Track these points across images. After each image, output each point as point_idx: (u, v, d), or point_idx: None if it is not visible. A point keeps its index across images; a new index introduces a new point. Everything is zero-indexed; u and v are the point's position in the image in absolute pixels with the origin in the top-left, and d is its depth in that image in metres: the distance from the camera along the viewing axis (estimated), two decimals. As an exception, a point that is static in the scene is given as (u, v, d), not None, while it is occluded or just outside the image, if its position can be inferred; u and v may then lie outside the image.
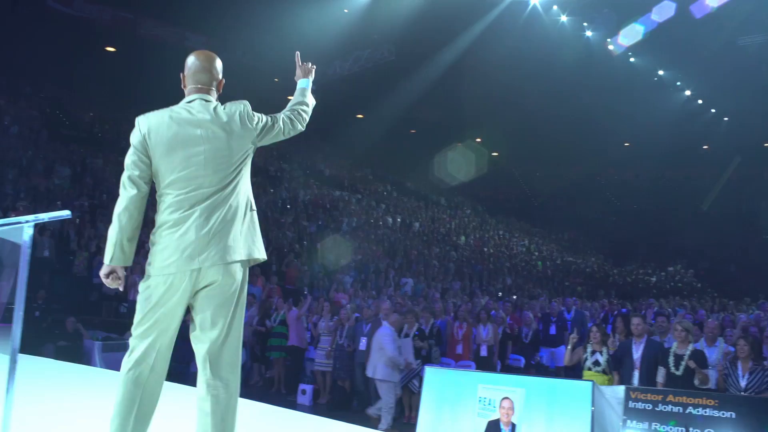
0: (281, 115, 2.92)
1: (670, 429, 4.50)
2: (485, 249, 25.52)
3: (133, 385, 2.54)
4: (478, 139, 34.93)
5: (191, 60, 2.85)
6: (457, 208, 31.18)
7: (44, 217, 2.07)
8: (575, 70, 24.51)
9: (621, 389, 4.95)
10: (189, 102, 2.79)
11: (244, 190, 2.80)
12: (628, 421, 4.68)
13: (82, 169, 19.17)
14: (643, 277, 28.52)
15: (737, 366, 6.18)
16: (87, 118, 24.30)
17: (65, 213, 2.51)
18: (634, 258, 31.63)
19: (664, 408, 4.58)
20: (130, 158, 2.71)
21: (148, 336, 2.59)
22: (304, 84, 3.24)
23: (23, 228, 1.98)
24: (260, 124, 2.81)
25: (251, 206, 2.83)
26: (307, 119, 3.03)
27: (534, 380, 5.07)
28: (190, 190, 2.65)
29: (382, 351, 8.25)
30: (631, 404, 4.71)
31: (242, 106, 2.80)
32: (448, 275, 20.07)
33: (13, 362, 1.86)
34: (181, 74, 2.87)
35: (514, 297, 17.13)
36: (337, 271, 17.36)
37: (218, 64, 2.88)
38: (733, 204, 31.99)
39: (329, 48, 21.82)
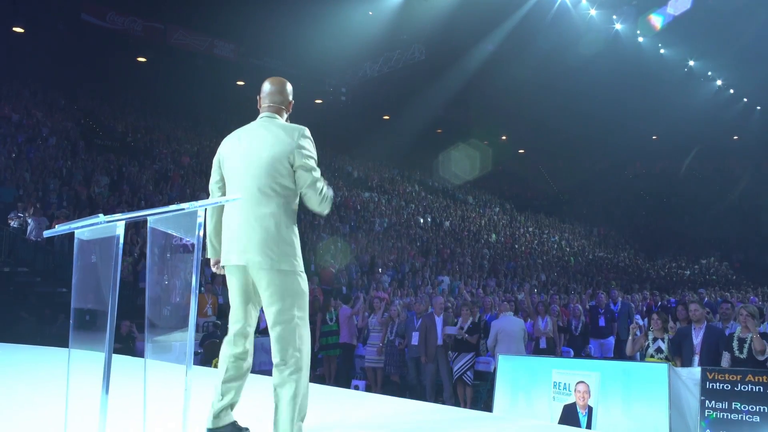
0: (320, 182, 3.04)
1: (750, 408, 4.54)
2: (516, 246, 25.50)
3: None
4: (504, 137, 34.90)
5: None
6: (486, 206, 31.17)
7: (206, 203, 2.19)
8: (604, 64, 24.35)
9: (697, 371, 4.99)
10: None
11: None
12: (707, 402, 4.72)
13: (118, 177, 19.52)
14: (676, 271, 28.25)
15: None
16: (120, 127, 24.74)
17: (236, 197, 2.72)
18: (666, 251, 31.34)
19: (744, 388, 4.62)
20: None
21: None
22: None
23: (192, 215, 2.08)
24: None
25: None
26: (323, 201, 3.07)
27: (609, 364, 5.14)
28: None
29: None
30: (709, 385, 4.76)
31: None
32: (482, 273, 20.11)
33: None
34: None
35: (551, 293, 17.11)
36: (372, 273, 17.49)
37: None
38: (766, 194, 31.51)
39: (359, 50, 22.01)
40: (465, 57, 24.33)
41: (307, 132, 3.04)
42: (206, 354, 9.79)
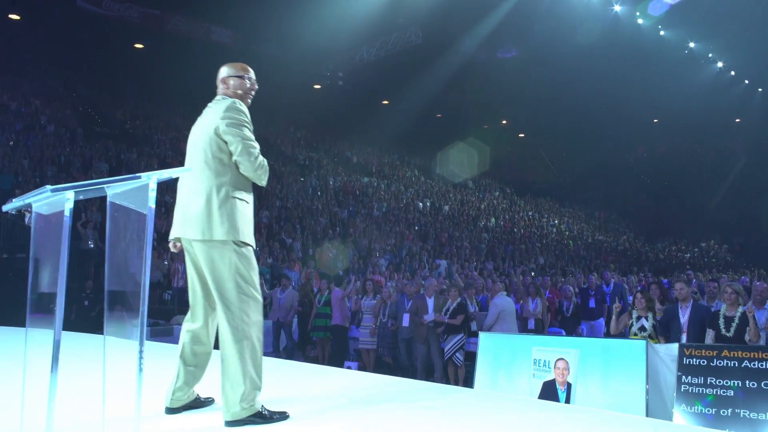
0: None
1: (725, 383, 4.58)
2: (516, 230, 25.54)
3: None
4: (504, 121, 34.78)
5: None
6: (486, 191, 31.16)
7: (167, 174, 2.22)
8: (603, 47, 24.18)
9: (674, 347, 5.04)
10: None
11: None
12: (683, 377, 4.77)
13: (117, 164, 19.57)
14: (676, 254, 28.25)
15: (786, 326, 6.21)
16: (119, 114, 24.76)
17: (187, 168, 2.74)
18: (667, 235, 31.32)
19: (720, 363, 4.67)
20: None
21: None
22: None
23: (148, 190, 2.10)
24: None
25: None
26: (266, 174, 3.12)
27: (588, 341, 5.20)
28: None
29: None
30: (686, 360, 4.80)
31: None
32: (480, 256, 20.16)
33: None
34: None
35: (545, 276, 17.15)
36: (370, 257, 17.55)
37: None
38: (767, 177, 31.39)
39: (355, 34, 21.86)
40: (462, 40, 24.17)
41: (238, 104, 3.09)
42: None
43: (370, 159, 29.78)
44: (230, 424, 2.86)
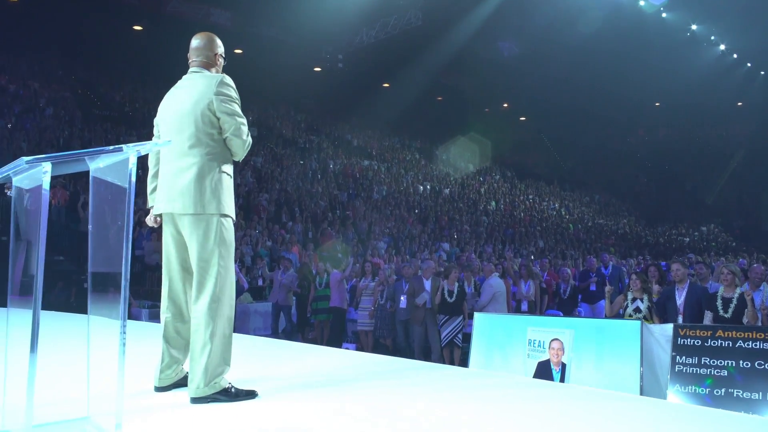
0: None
1: (719, 363, 4.58)
2: (516, 213, 25.51)
3: None
4: (506, 105, 34.61)
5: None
6: (486, 174, 31.09)
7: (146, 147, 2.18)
8: (604, 30, 23.95)
9: (669, 327, 5.03)
10: None
11: None
12: (677, 357, 4.77)
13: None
14: (676, 237, 28.25)
15: (783, 307, 6.19)
16: (118, 97, 24.66)
17: (168, 140, 2.72)
18: (667, 218, 31.29)
19: (714, 343, 4.66)
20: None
21: None
22: None
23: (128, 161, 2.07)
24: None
25: None
26: (247, 147, 3.12)
27: (583, 321, 5.20)
28: None
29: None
30: (680, 341, 4.80)
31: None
32: (480, 239, 20.16)
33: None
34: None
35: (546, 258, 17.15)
36: (369, 239, 17.54)
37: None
38: (768, 161, 31.30)
39: (355, 16, 21.63)
40: (463, 22, 23.95)
41: (228, 79, 3.09)
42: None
43: (370, 142, 29.69)
44: (195, 400, 2.86)
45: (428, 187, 25.71)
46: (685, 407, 3.83)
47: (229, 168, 3.08)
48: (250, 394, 2.98)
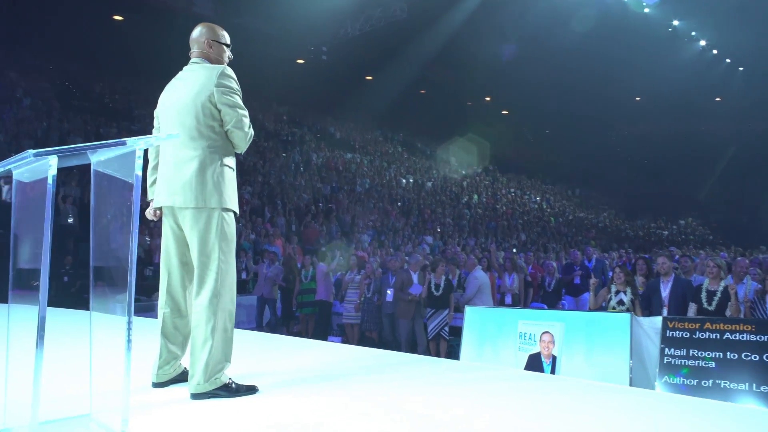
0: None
1: (707, 354, 4.66)
2: (498, 206, 25.66)
3: None
4: (488, 98, 34.70)
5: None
6: (468, 167, 31.22)
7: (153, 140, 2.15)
8: (588, 25, 24.10)
9: (658, 320, 5.09)
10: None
11: None
12: (666, 350, 4.83)
13: (96, 138, 19.27)
14: (655, 231, 28.65)
15: (765, 299, 6.32)
16: (97, 88, 24.32)
17: (174, 134, 2.68)
18: (646, 212, 31.69)
19: (702, 335, 4.73)
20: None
21: None
22: None
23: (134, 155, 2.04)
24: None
25: None
26: (249, 140, 3.09)
27: (573, 314, 5.24)
28: None
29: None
30: (669, 333, 4.86)
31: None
32: (463, 233, 20.25)
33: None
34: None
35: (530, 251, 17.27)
36: (353, 233, 17.54)
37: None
38: (746, 156, 31.78)
39: (340, 8, 21.55)
40: (448, 15, 23.96)
41: (229, 71, 3.03)
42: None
43: (353, 135, 29.63)
44: (196, 396, 2.83)
45: (411, 180, 25.76)
46: (673, 398, 3.89)
47: (231, 161, 3.04)
48: (251, 390, 2.96)
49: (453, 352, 8.94)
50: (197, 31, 3.18)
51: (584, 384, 3.93)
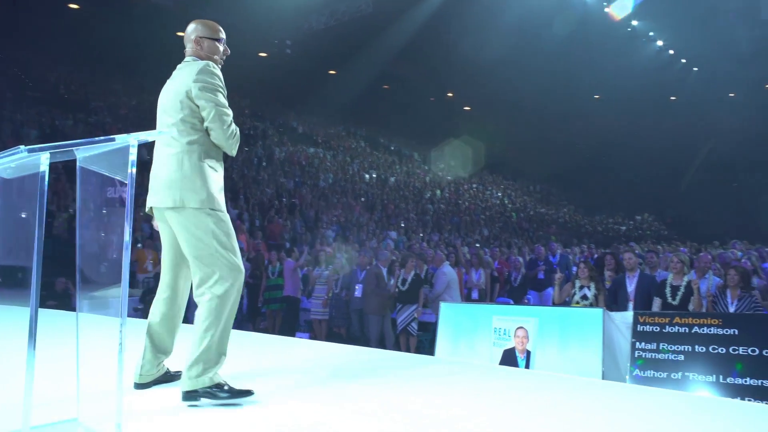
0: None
1: (676, 348, 4.78)
2: (460, 202, 25.87)
3: None
4: (450, 94, 34.90)
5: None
6: (431, 163, 31.39)
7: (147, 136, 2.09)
8: (549, 23, 24.46)
9: (629, 314, 5.21)
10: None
11: None
12: (637, 343, 4.95)
13: (51, 130, 18.72)
14: (613, 226, 29.30)
15: (726, 294, 6.51)
16: (52, 78, 23.59)
17: (165, 131, 2.61)
18: (604, 208, 32.37)
19: (671, 329, 4.86)
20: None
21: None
22: None
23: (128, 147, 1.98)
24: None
25: None
26: (237, 143, 2.99)
27: (547, 310, 5.31)
28: None
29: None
30: (640, 327, 4.98)
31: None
32: (426, 228, 20.36)
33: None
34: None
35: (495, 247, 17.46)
36: (319, 226, 17.47)
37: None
38: (702, 153, 32.72)
39: (305, 1, 21.37)
40: (412, 11, 24.01)
41: (211, 66, 2.95)
42: (146, 309, 9.63)
43: (316, 129, 29.47)
44: (188, 394, 2.76)
45: (374, 175, 25.77)
46: (644, 390, 3.98)
47: (213, 162, 2.92)
48: (245, 393, 2.83)
49: (422, 347, 8.99)
50: (189, 29, 3.11)
51: (557, 378, 4.01)
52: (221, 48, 3.12)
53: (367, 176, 25.16)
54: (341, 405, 2.83)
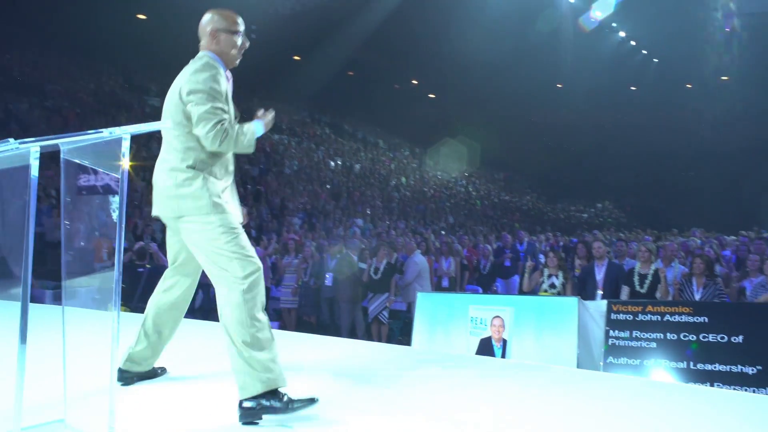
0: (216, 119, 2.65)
1: (649, 335, 4.89)
2: (426, 189, 25.98)
3: None
4: (415, 81, 34.90)
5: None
6: (396, 150, 31.38)
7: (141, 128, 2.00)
8: (513, 12, 24.61)
9: (603, 303, 5.30)
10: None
11: None
12: (611, 331, 5.04)
13: (5, 115, 18.11)
14: (575, 214, 29.80)
15: (692, 282, 6.68)
16: (5, 60, 22.74)
17: (165, 124, 2.41)
18: (566, 196, 32.90)
19: (644, 317, 4.96)
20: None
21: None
22: (257, 127, 2.98)
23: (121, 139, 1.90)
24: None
25: None
26: (230, 145, 2.70)
27: (523, 299, 5.36)
28: None
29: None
30: (614, 316, 5.07)
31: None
32: (392, 215, 20.38)
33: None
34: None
35: (459, 234, 17.58)
36: (285, 213, 17.33)
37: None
38: (659, 143, 33.44)
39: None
40: (377, -1, 23.93)
41: (206, 62, 2.70)
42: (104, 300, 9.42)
43: (280, 115, 29.05)
44: (245, 411, 2.48)
45: (339, 162, 25.65)
46: (617, 377, 4.07)
47: (210, 165, 2.69)
48: (309, 402, 2.57)
49: (392, 335, 9.01)
50: (204, 20, 2.81)
51: (533, 366, 4.09)
52: (239, 41, 2.83)
53: (332, 163, 25.03)
54: (341, 398, 2.82)
